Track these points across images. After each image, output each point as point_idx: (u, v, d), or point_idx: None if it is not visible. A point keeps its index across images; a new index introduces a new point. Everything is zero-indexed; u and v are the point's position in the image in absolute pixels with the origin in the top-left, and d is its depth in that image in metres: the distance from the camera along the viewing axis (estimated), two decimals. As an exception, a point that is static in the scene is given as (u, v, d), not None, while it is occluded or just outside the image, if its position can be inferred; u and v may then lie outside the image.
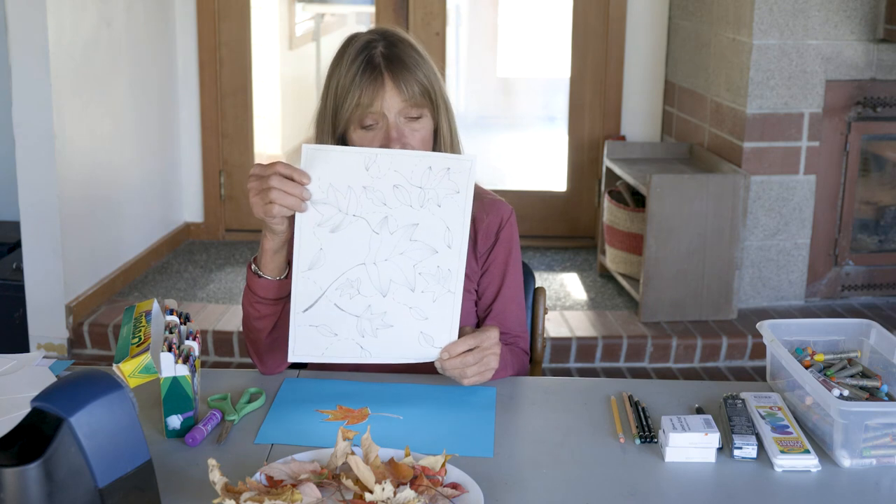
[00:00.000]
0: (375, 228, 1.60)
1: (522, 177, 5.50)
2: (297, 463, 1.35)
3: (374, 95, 1.69)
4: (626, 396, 1.67)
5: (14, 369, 1.71)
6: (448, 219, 1.61)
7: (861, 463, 1.47)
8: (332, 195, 1.59)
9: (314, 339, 1.64)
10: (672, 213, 3.72)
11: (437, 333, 1.66)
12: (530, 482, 1.41)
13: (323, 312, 1.63)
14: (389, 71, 1.70)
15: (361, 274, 1.62)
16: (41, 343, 3.66)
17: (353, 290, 1.63)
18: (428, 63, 1.76)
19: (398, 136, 1.70)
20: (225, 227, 4.80)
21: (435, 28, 4.58)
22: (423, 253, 1.62)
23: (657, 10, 4.53)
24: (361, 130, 1.72)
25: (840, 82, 3.82)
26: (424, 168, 1.58)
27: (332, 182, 1.58)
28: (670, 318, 3.83)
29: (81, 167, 3.73)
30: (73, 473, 1.18)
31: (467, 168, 1.60)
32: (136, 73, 4.17)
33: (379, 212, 1.59)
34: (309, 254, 1.61)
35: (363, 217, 1.60)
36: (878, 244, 4.08)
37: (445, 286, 1.64)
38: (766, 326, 1.68)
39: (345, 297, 1.63)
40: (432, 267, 1.63)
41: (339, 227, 1.60)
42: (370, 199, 1.59)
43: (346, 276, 1.62)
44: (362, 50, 1.72)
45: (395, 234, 1.61)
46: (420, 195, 1.59)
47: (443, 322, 1.65)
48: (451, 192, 1.60)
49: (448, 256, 1.63)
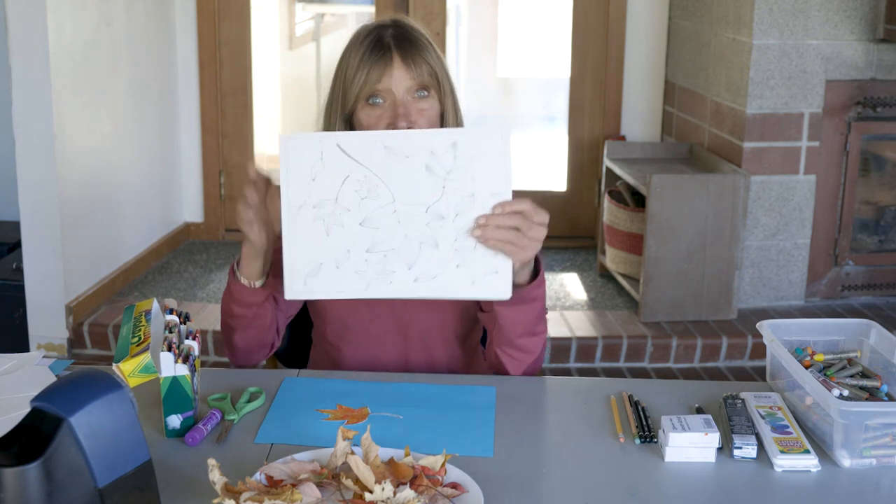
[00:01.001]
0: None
1: (522, 177, 5.49)
2: (296, 463, 1.35)
3: (382, 72, 1.70)
4: (626, 396, 1.67)
5: (14, 369, 1.71)
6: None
7: (861, 463, 1.47)
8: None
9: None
10: (672, 213, 3.72)
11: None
12: (530, 482, 1.41)
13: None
14: (399, 49, 1.71)
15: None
16: (41, 343, 3.66)
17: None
18: (437, 51, 1.76)
19: (405, 112, 1.70)
20: (225, 227, 4.80)
21: (435, 28, 4.58)
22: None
23: (657, 10, 4.53)
24: (369, 107, 1.71)
25: (840, 82, 3.82)
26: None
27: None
28: (670, 318, 3.83)
29: (81, 167, 3.73)
30: (72, 473, 1.18)
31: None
32: (136, 73, 4.17)
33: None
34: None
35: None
36: (878, 244, 4.08)
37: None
38: (766, 326, 1.68)
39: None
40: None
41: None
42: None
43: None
44: (372, 31, 1.74)
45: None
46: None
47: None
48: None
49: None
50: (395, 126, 1.68)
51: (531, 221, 1.56)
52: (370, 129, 1.70)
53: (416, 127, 1.70)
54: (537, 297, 1.71)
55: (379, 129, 1.69)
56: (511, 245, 1.56)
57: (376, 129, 1.69)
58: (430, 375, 1.77)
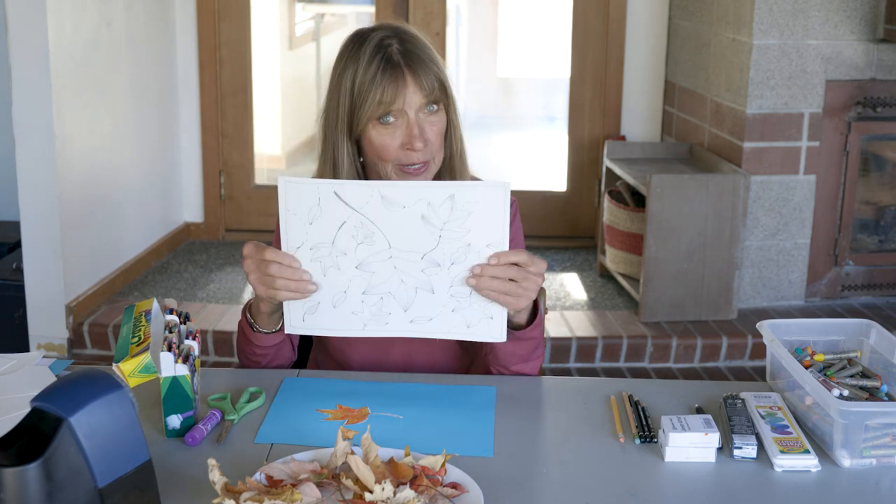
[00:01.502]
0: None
1: (522, 177, 5.49)
2: (296, 463, 1.35)
3: (396, 93, 1.68)
4: (626, 396, 1.67)
5: (14, 369, 1.71)
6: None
7: (861, 463, 1.47)
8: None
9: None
10: (672, 213, 3.72)
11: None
12: (530, 482, 1.41)
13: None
14: (409, 67, 1.70)
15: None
16: (41, 343, 3.66)
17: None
18: (438, 57, 1.76)
19: (420, 132, 1.69)
20: (225, 227, 4.80)
21: (435, 28, 4.58)
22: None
23: (657, 10, 4.53)
24: (381, 126, 1.70)
25: (840, 82, 3.82)
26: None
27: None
28: (670, 318, 3.83)
29: (81, 167, 3.73)
30: (72, 473, 1.18)
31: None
32: (136, 73, 4.17)
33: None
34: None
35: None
36: (878, 244, 4.08)
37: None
38: (766, 326, 1.68)
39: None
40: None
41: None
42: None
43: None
44: (378, 48, 1.71)
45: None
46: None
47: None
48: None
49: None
50: (411, 145, 1.69)
51: (527, 272, 1.58)
52: (383, 149, 1.70)
53: (430, 143, 1.71)
54: (534, 336, 1.72)
55: (393, 148, 1.70)
56: (505, 295, 1.58)
57: (390, 149, 1.70)
58: (431, 375, 1.77)
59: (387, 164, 1.72)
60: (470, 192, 1.54)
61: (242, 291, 4.13)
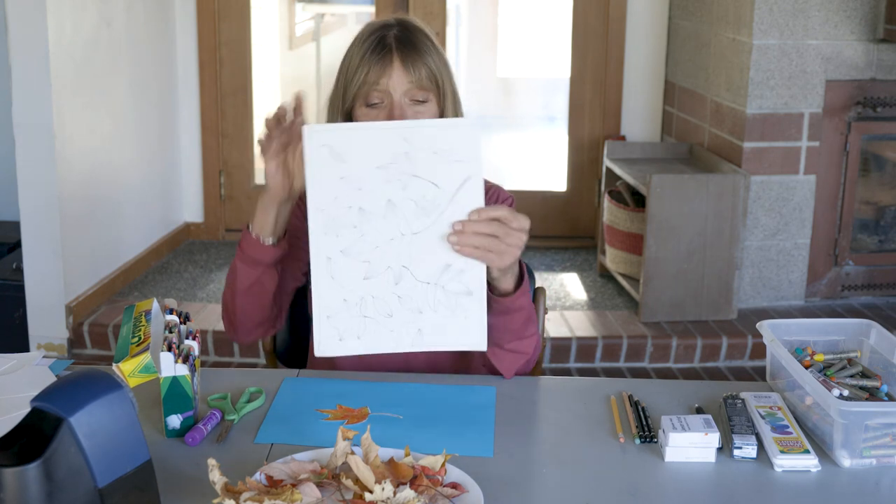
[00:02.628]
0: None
1: (522, 177, 5.49)
2: (296, 463, 1.35)
3: (381, 73, 1.71)
4: (626, 396, 1.67)
5: (14, 369, 1.71)
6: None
7: (861, 463, 1.47)
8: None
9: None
10: (672, 213, 3.72)
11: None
12: (530, 482, 1.41)
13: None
14: (399, 51, 1.72)
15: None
16: (41, 343, 3.66)
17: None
18: (440, 52, 1.77)
19: (400, 115, 1.71)
20: (225, 227, 4.80)
21: (435, 28, 4.56)
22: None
23: (657, 10, 4.53)
24: (366, 108, 1.73)
25: (840, 82, 3.82)
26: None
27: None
28: (670, 318, 3.83)
29: (81, 167, 3.73)
30: (72, 473, 1.18)
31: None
32: (136, 73, 4.17)
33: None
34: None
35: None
36: (878, 244, 4.08)
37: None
38: (766, 326, 1.68)
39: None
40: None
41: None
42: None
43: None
44: (376, 30, 1.75)
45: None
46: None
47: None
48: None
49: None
50: None
51: (509, 227, 1.55)
52: None
53: None
54: (521, 305, 1.69)
55: None
56: (488, 252, 1.55)
57: None
58: (430, 375, 1.77)
59: None
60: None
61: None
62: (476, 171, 1.54)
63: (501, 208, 1.56)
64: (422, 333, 1.56)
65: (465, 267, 1.55)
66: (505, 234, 1.55)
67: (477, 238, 1.54)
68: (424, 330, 1.56)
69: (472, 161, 1.53)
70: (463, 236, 1.53)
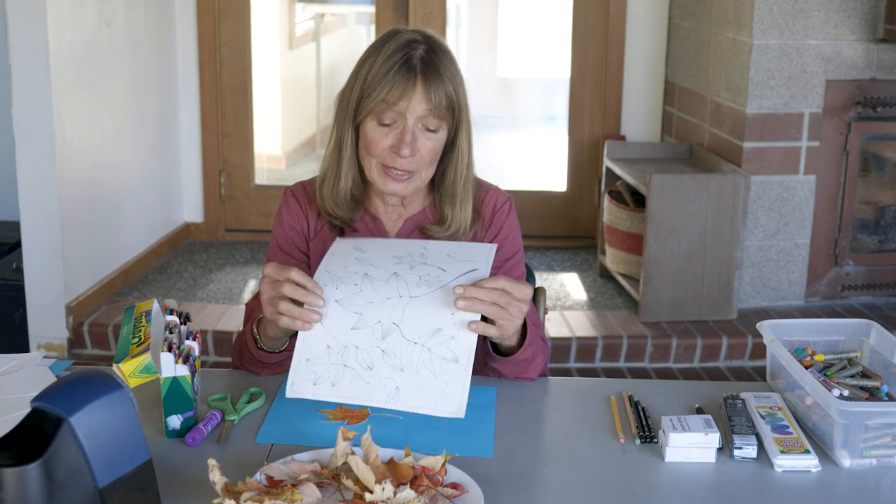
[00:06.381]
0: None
1: (522, 177, 5.50)
2: (297, 463, 1.35)
3: (401, 95, 1.69)
4: (626, 396, 1.67)
5: (14, 369, 1.71)
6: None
7: (861, 463, 1.47)
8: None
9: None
10: (672, 213, 3.72)
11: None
12: (530, 482, 1.41)
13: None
14: (423, 75, 1.69)
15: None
16: (41, 343, 3.66)
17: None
18: (460, 77, 1.75)
19: (411, 140, 1.70)
20: (225, 227, 4.80)
21: (435, 28, 4.57)
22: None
23: (657, 10, 4.53)
24: (378, 126, 1.72)
25: (840, 82, 3.82)
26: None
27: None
28: (670, 318, 3.83)
29: (81, 167, 3.73)
30: (72, 473, 1.18)
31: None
32: (136, 73, 4.17)
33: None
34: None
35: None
36: (878, 244, 4.08)
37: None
38: (766, 326, 1.68)
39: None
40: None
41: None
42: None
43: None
44: (403, 47, 1.71)
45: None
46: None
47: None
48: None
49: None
50: (399, 150, 1.70)
51: (511, 298, 1.55)
52: (373, 143, 1.72)
53: (419, 155, 1.72)
54: (526, 357, 1.70)
55: (382, 147, 1.72)
56: (489, 326, 1.55)
57: (379, 146, 1.72)
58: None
59: (372, 160, 1.74)
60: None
61: (242, 291, 4.13)
62: (484, 270, 1.59)
63: (501, 279, 1.56)
64: (398, 392, 1.52)
65: (456, 334, 1.53)
66: (507, 303, 1.55)
67: (480, 305, 1.54)
68: (402, 388, 1.52)
69: (482, 263, 1.61)
70: (469, 302, 1.53)
